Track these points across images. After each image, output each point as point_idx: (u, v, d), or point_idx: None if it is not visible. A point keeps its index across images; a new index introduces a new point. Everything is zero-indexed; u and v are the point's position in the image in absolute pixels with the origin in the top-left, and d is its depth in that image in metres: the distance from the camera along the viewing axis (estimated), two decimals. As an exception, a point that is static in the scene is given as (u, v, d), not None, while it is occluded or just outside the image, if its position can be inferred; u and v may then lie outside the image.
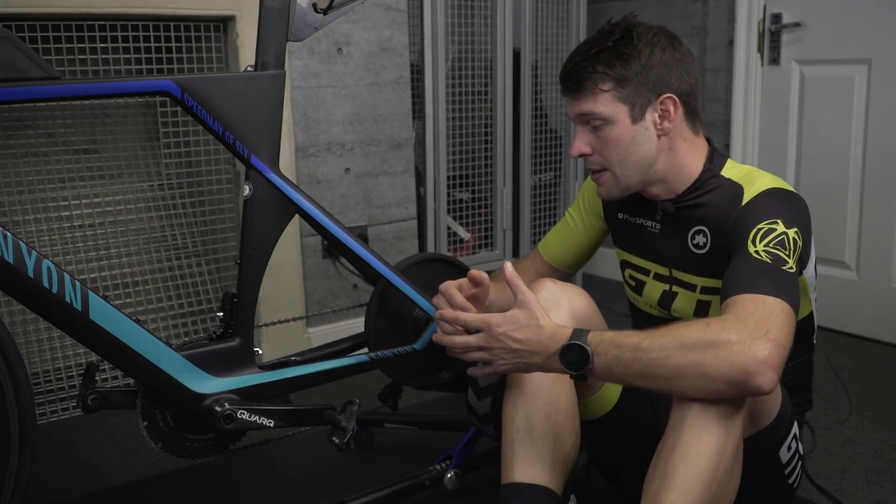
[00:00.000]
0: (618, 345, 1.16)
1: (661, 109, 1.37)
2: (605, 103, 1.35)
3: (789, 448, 1.37)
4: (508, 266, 1.30)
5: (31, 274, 1.21)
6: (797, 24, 2.81)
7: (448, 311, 1.33)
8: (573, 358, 1.19)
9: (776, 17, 2.86)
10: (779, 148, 2.92)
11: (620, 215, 1.56)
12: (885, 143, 2.63)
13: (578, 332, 1.20)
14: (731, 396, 1.13)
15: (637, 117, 1.36)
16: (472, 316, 1.29)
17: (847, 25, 2.67)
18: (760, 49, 2.93)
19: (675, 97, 1.36)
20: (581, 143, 1.40)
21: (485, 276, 1.44)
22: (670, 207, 1.43)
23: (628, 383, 1.17)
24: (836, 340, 2.71)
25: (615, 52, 1.34)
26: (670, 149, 1.39)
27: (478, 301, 1.47)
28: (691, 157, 1.41)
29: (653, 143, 1.38)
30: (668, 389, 1.14)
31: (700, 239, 1.41)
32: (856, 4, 2.64)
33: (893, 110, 2.60)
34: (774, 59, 2.89)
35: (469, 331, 1.30)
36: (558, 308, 1.39)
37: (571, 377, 1.21)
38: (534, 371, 1.27)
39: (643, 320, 1.56)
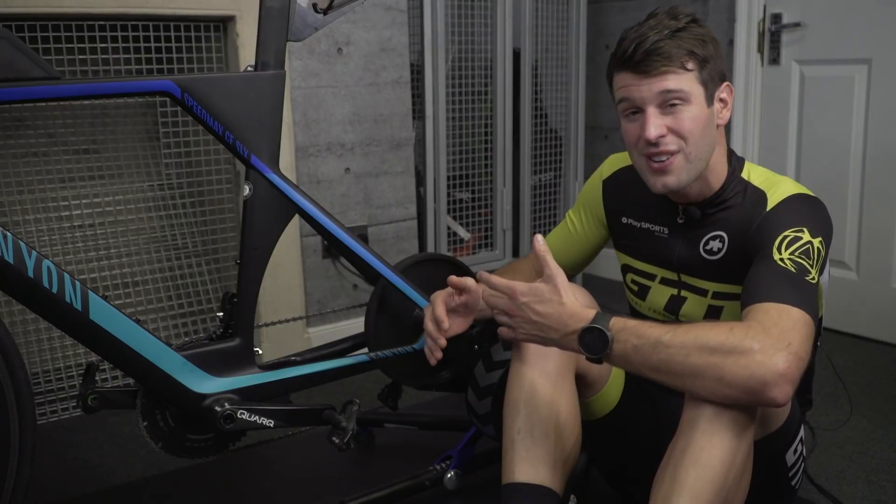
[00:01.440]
0: (639, 335, 1.14)
1: (721, 97, 1.35)
2: (690, 81, 1.30)
3: (795, 451, 1.37)
4: (539, 238, 1.27)
5: (31, 274, 1.21)
6: (797, 24, 2.81)
7: (484, 273, 1.31)
8: (592, 341, 1.17)
9: (776, 17, 2.86)
10: (779, 148, 2.92)
11: (625, 220, 1.53)
12: (885, 143, 2.63)
13: (601, 316, 1.18)
14: (743, 404, 1.12)
15: (709, 101, 1.33)
16: (501, 280, 1.27)
17: (847, 25, 2.67)
18: (760, 49, 2.93)
19: (731, 87, 1.36)
20: (656, 125, 1.30)
21: (470, 282, 1.44)
22: (696, 213, 1.40)
23: (642, 374, 1.15)
24: (836, 340, 2.70)
25: (693, 33, 1.30)
26: (718, 143, 1.37)
27: (468, 309, 1.48)
28: (722, 158, 1.39)
29: (715, 132, 1.36)
30: (681, 387, 1.13)
31: (715, 244, 1.38)
32: (856, 4, 2.64)
33: (893, 110, 2.60)
34: (774, 59, 2.89)
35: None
36: None
37: (587, 359, 1.20)
38: (550, 346, 1.25)
39: None
